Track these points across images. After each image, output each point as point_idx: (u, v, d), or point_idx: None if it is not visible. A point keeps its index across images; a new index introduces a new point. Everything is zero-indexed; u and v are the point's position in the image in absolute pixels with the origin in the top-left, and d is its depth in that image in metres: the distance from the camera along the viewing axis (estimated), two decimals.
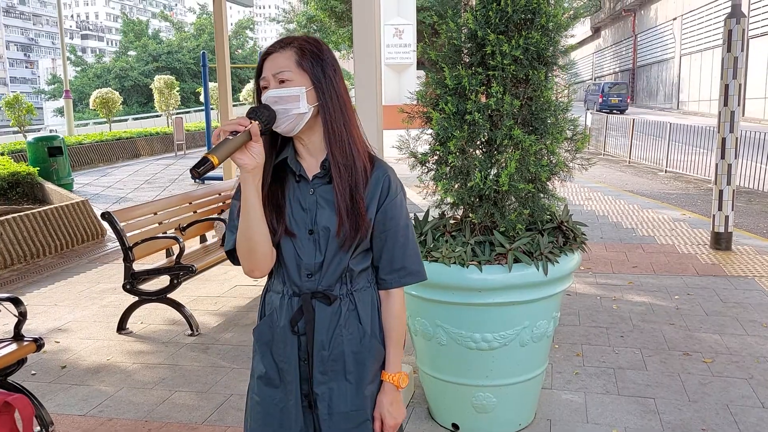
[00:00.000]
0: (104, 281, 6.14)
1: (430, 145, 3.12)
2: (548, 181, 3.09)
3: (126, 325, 4.78)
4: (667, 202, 9.61)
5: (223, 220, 5.61)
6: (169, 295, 4.80)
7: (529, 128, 3.02)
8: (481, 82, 2.97)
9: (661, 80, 38.07)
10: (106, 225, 5.60)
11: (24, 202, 9.26)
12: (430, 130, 3.11)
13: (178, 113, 29.89)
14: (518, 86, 3.01)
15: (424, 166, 3.16)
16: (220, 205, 6.21)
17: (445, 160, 3.06)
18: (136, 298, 4.84)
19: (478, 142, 3.05)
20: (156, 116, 34.35)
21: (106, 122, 26.86)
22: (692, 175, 12.18)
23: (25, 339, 3.26)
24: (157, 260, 5.38)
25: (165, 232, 5.15)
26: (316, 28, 29.94)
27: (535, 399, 3.26)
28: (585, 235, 3.18)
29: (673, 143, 13.13)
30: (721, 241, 6.50)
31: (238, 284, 5.85)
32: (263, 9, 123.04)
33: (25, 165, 10.09)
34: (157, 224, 5.16)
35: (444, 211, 3.21)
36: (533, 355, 3.06)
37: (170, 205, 5.48)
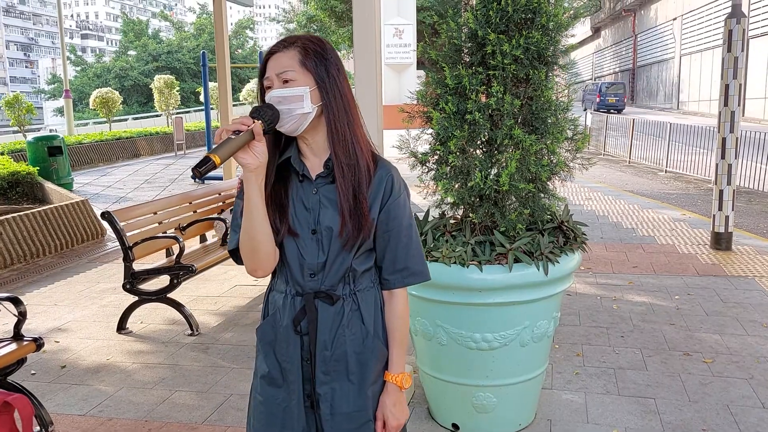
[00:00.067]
0: (104, 281, 6.14)
1: (431, 145, 3.12)
2: (548, 181, 3.08)
3: (126, 325, 4.78)
4: (667, 202, 9.61)
5: (223, 220, 5.61)
6: (169, 295, 4.80)
7: (529, 128, 3.01)
8: (482, 82, 2.97)
9: (661, 80, 38.07)
10: (106, 225, 5.61)
11: (24, 201, 9.25)
12: (431, 130, 3.11)
13: (178, 113, 29.89)
14: (519, 86, 3.01)
15: (425, 166, 3.16)
16: (220, 204, 6.21)
17: (446, 160, 3.05)
18: (136, 298, 4.84)
19: (479, 142, 3.05)
20: (156, 116, 34.36)
21: (106, 122, 26.87)
22: (692, 175, 12.18)
23: (24, 339, 3.25)
24: (157, 260, 5.38)
25: (165, 232, 5.15)
26: (316, 27, 29.95)
27: (536, 399, 3.26)
28: (585, 235, 3.17)
29: (673, 143, 13.13)
30: (722, 241, 6.50)
31: (238, 284, 5.85)
32: (263, 9, 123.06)
33: (25, 165, 10.08)
34: (157, 224, 5.16)
35: (444, 211, 3.20)
36: (533, 355, 3.06)
37: (170, 205, 5.48)
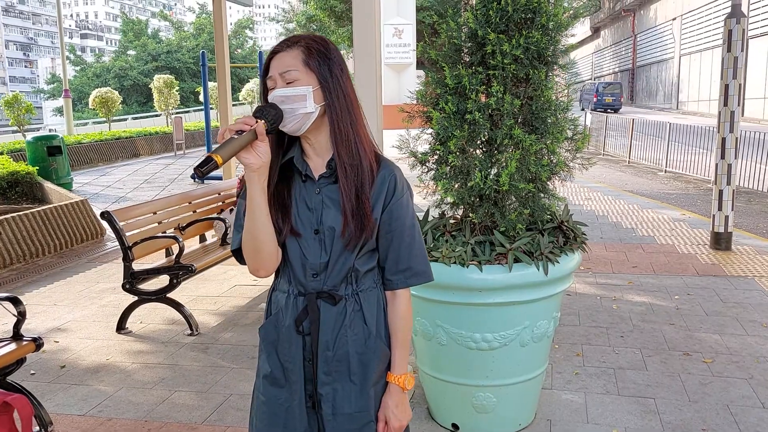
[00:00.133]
0: (103, 281, 6.13)
1: (430, 145, 3.12)
2: (548, 181, 3.08)
3: (125, 325, 4.78)
4: (667, 202, 9.61)
5: (223, 220, 5.61)
6: (169, 295, 4.80)
7: (529, 128, 3.01)
8: (482, 82, 2.97)
9: (661, 80, 38.09)
10: (105, 224, 5.61)
11: (23, 201, 9.25)
12: (430, 130, 3.10)
13: (177, 113, 29.87)
14: (518, 86, 3.01)
15: (424, 166, 3.15)
16: (220, 204, 6.21)
17: (445, 160, 3.05)
18: (136, 298, 4.83)
19: (479, 142, 3.05)
20: (155, 116, 34.34)
21: (106, 122, 26.84)
22: (692, 175, 12.18)
23: (24, 339, 3.25)
24: (157, 260, 5.38)
25: (164, 232, 5.15)
26: (315, 27, 29.93)
27: (536, 399, 3.26)
28: (585, 235, 3.17)
29: (672, 143, 13.13)
30: (721, 241, 6.49)
31: (238, 284, 5.84)
32: (263, 9, 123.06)
33: (25, 164, 10.07)
34: (157, 224, 5.15)
35: (444, 211, 3.20)
36: (533, 355, 3.06)
37: (169, 205, 5.48)
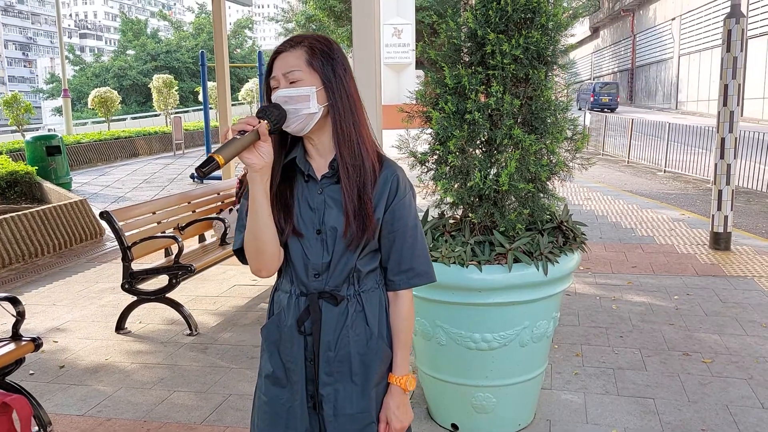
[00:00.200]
0: (102, 281, 6.12)
1: (430, 145, 3.11)
2: (548, 181, 3.08)
3: (124, 325, 4.77)
4: (666, 202, 9.61)
5: (222, 220, 5.60)
6: (168, 295, 4.79)
7: (528, 128, 3.01)
8: (481, 82, 2.97)
9: (660, 80, 38.10)
10: (104, 224, 5.60)
11: (22, 201, 9.24)
12: (430, 130, 3.10)
13: (176, 113, 29.84)
14: (518, 86, 3.01)
15: (424, 166, 3.15)
16: (219, 204, 6.20)
17: (445, 160, 3.05)
18: (135, 298, 4.83)
19: (478, 142, 3.05)
20: (154, 115, 34.31)
21: (105, 121, 26.82)
22: (691, 175, 12.19)
23: (23, 339, 3.25)
24: (156, 260, 5.37)
25: (163, 232, 5.14)
26: (315, 27, 29.92)
27: (535, 399, 3.26)
28: (585, 235, 3.17)
29: (671, 143, 13.13)
30: (720, 241, 6.50)
31: (237, 284, 5.84)
32: (262, 8, 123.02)
33: (24, 164, 10.06)
34: (156, 224, 5.15)
35: (443, 211, 3.20)
36: (533, 356, 3.06)
37: (169, 205, 5.47)
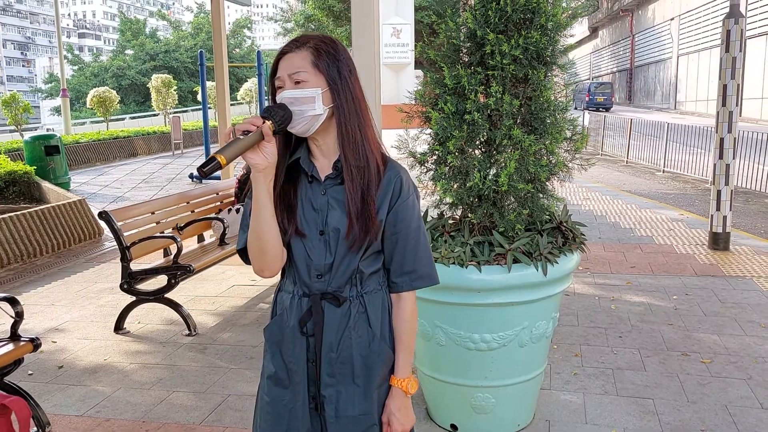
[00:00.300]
0: (101, 281, 6.12)
1: (429, 145, 3.11)
2: (547, 182, 3.08)
3: (123, 325, 4.77)
4: (665, 202, 9.62)
5: (221, 220, 5.60)
6: (167, 295, 4.78)
7: (528, 128, 3.01)
8: (481, 82, 2.96)
9: (659, 80, 38.12)
10: (103, 224, 5.59)
11: (21, 201, 9.23)
12: (429, 130, 3.10)
13: (175, 112, 29.85)
14: (517, 86, 3.00)
15: (423, 166, 3.15)
16: (218, 204, 6.20)
17: (444, 160, 3.04)
18: (134, 298, 4.82)
19: (477, 142, 3.04)
20: (153, 115, 34.30)
21: (103, 121, 26.82)
22: (690, 175, 12.19)
23: (21, 339, 3.24)
24: (155, 260, 5.36)
25: (162, 232, 5.13)
26: (313, 27, 29.92)
27: (534, 400, 3.26)
28: (584, 235, 3.17)
29: (670, 143, 13.14)
30: (719, 242, 6.50)
31: (236, 284, 5.83)
32: (261, 8, 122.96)
33: (22, 164, 10.05)
34: (155, 224, 5.14)
35: (443, 211, 3.20)
36: (532, 356, 3.06)
37: (168, 205, 5.46)
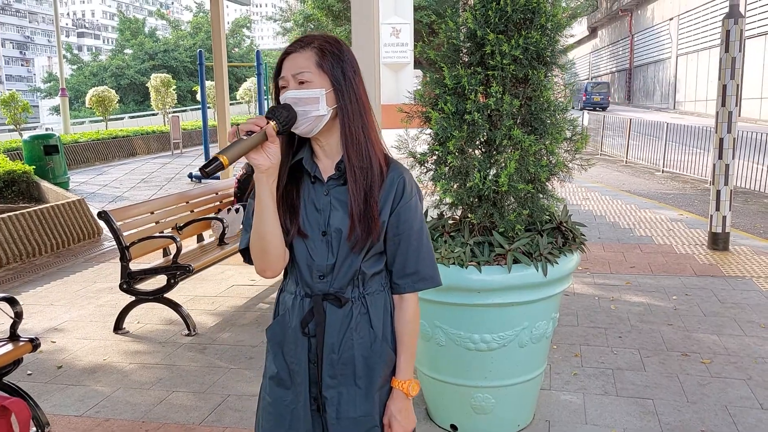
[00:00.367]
0: (100, 281, 6.11)
1: (429, 145, 3.11)
2: (547, 182, 3.08)
3: (122, 325, 4.76)
4: (665, 202, 9.62)
5: (221, 220, 5.59)
6: (166, 295, 4.78)
7: (528, 128, 3.00)
8: (481, 82, 2.96)
9: (658, 80, 38.14)
10: (102, 224, 5.59)
11: (20, 200, 9.22)
12: (429, 130, 3.10)
13: (174, 112, 29.83)
14: (518, 86, 3.00)
15: (423, 166, 3.14)
16: (217, 204, 6.20)
17: (444, 160, 3.04)
18: (133, 298, 4.81)
19: (477, 142, 3.04)
20: (152, 115, 34.27)
21: (103, 120, 26.80)
22: (689, 175, 12.20)
23: (21, 339, 3.23)
24: (154, 260, 5.36)
25: (162, 232, 5.13)
26: (313, 27, 29.92)
27: (534, 400, 3.25)
28: (584, 235, 3.17)
29: (669, 143, 13.15)
30: (719, 242, 6.50)
31: (235, 284, 5.83)
32: (260, 8, 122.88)
33: (21, 163, 10.04)
34: (154, 223, 5.14)
35: (443, 212, 3.19)
36: (532, 356, 3.06)
37: (167, 205, 5.46)
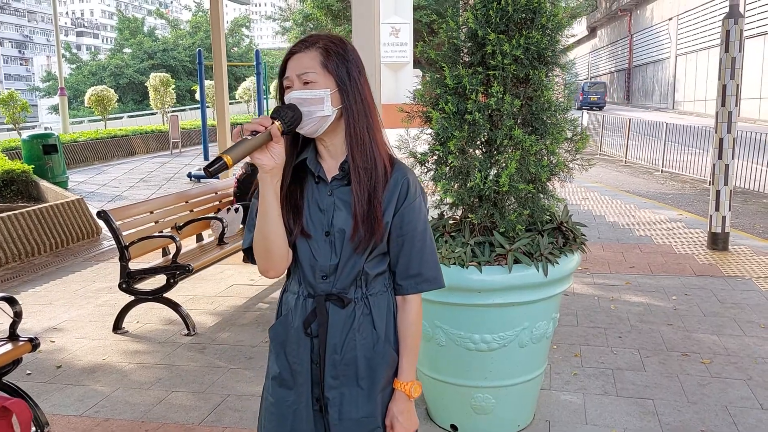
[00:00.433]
0: (100, 280, 6.10)
1: (430, 145, 3.10)
2: (548, 182, 3.07)
3: (122, 325, 4.75)
4: (664, 202, 9.62)
5: (220, 219, 5.59)
6: (166, 295, 4.77)
7: (529, 128, 3.00)
8: (481, 82, 2.95)
9: (657, 80, 38.17)
10: (101, 223, 5.58)
11: (18, 200, 9.21)
12: (430, 130, 3.09)
13: (173, 111, 29.81)
14: (518, 86, 3.00)
15: (424, 166, 3.14)
16: (217, 204, 6.19)
17: (445, 160, 3.04)
18: (132, 298, 4.81)
19: (478, 142, 3.04)
20: (151, 114, 34.25)
21: (101, 120, 26.79)
22: (688, 175, 12.20)
23: (20, 339, 3.23)
24: (153, 259, 5.35)
25: (161, 231, 5.12)
26: (312, 26, 29.90)
27: (534, 400, 3.25)
28: (585, 236, 3.17)
29: (669, 143, 13.15)
30: (718, 242, 6.50)
31: (235, 283, 5.82)
32: (259, 7, 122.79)
33: (20, 163, 10.03)
34: (153, 223, 5.13)
35: (443, 212, 3.19)
36: (532, 357, 3.05)
37: (166, 204, 5.45)
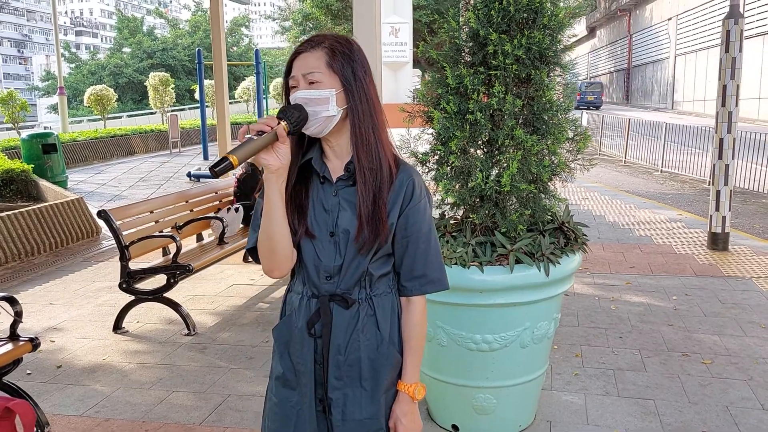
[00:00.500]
0: (100, 280, 6.10)
1: (431, 145, 3.10)
2: (549, 182, 3.07)
3: (122, 325, 4.75)
4: (664, 202, 9.62)
5: (220, 219, 5.58)
6: (166, 294, 4.77)
7: (530, 128, 3.00)
8: (483, 82, 2.95)
9: (656, 80, 38.19)
10: (101, 223, 5.58)
11: (18, 199, 9.20)
12: (431, 130, 3.09)
13: (173, 110, 29.80)
14: (520, 86, 2.99)
15: (425, 166, 3.14)
16: (217, 203, 6.18)
17: (446, 160, 3.03)
18: (132, 297, 4.80)
19: (480, 142, 3.03)
20: (151, 113, 34.25)
21: (101, 119, 26.77)
22: (688, 175, 12.20)
23: (20, 339, 3.22)
24: (153, 259, 5.34)
25: (161, 231, 5.12)
26: (312, 26, 29.88)
27: (536, 400, 3.25)
28: (586, 236, 3.16)
29: (668, 143, 13.15)
30: (718, 242, 6.50)
31: (235, 283, 5.82)
32: (259, 6, 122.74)
33: (19, 162, 10.03)
34: (154, 223, 5.13)
35: (444, 212, 3.19)
36: (534, 357, 3.05)
37: (166, 204, 5.45)
